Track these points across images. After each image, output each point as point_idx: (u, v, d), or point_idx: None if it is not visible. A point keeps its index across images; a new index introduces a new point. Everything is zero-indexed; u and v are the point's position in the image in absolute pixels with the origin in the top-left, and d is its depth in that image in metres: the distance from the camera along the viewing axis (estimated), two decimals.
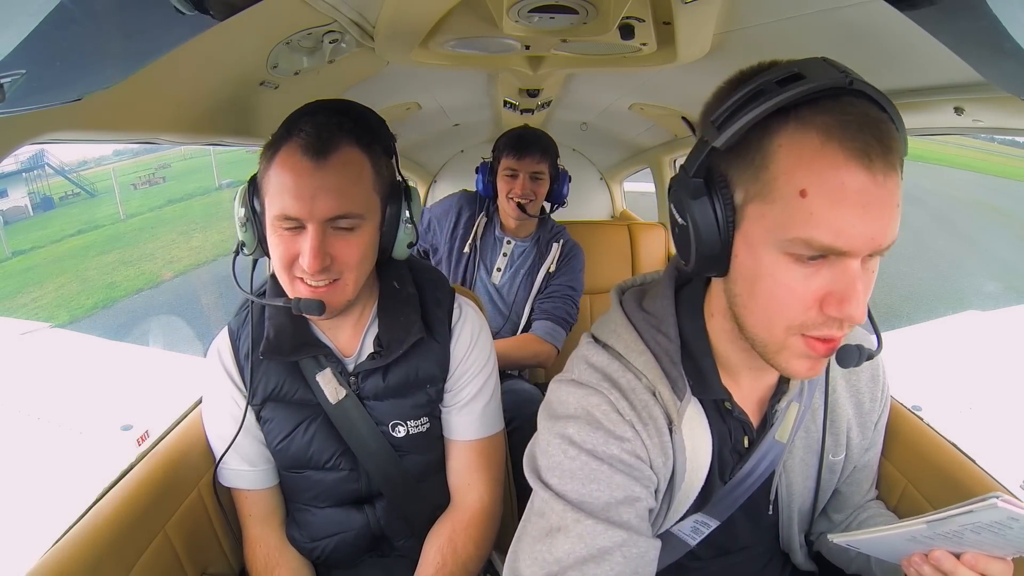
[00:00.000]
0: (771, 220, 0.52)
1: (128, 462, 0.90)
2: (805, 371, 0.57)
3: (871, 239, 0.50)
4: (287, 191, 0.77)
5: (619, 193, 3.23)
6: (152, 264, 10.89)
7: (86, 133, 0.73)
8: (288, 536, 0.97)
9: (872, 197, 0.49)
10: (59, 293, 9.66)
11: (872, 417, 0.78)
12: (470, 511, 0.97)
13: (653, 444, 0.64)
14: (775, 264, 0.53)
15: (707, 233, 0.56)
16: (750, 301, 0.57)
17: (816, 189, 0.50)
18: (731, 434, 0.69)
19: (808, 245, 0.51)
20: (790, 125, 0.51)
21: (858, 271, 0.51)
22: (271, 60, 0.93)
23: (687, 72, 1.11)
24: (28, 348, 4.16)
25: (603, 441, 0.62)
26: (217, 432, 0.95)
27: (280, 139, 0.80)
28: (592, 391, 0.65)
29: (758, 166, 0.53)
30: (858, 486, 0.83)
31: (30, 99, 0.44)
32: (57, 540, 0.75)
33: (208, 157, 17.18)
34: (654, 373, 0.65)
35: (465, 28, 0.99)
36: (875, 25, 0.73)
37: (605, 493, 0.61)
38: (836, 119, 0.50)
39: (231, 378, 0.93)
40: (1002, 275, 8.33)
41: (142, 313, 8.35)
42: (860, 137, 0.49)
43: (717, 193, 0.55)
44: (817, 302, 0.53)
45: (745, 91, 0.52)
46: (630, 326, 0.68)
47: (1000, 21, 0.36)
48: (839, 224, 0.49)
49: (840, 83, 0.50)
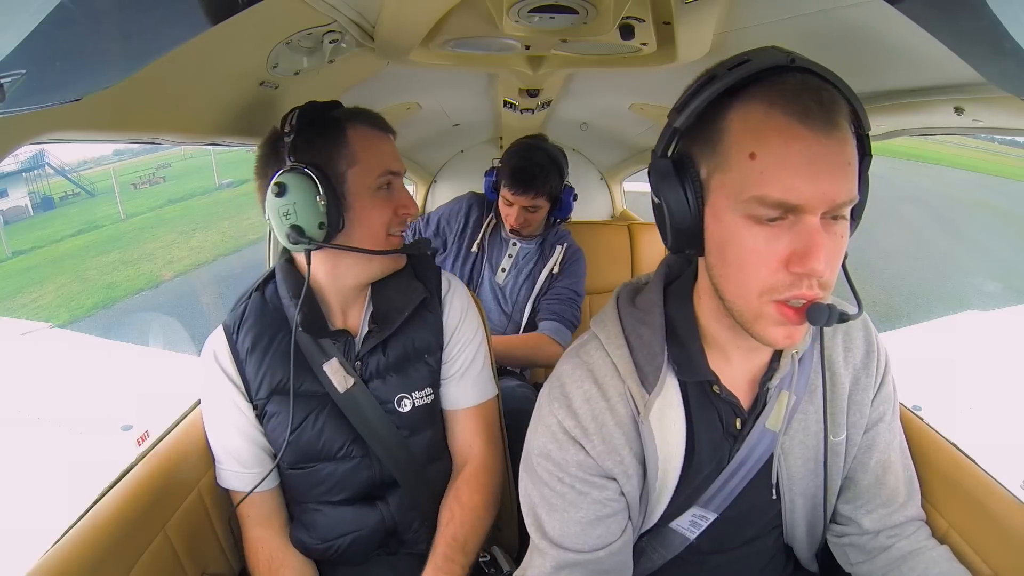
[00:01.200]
0: (729, 187, 0.57)
1: (128, 462, 0.90)
2: (782, 339, 0.59)
3: (822, 194, 0.53)
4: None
5: (619, 193, 3.23)
6: (152, 264, 10.90)
7: (86, 133, 0.73)
8: (295, 539, 0.97)
9: (816, 153, 0.53)
10: (59, 293, 9.67)
11: (869, 393, 0.76)
12: (471, 467, 1.02)
13: (606, 445, 0.69)
14: (739, 228, 0.57)
15: (678, 209, 0.60)
16: (723, 269, 0.60)
17: (763, 150, 0.54)
18: (721, 417, 0.71)
19: (762, 202, 0.54)
20: (740, 101, 0.57)
21: (817, 227, 0.54)
22: (271, 60, 0.93)
23: (687, 72, 1.11)
24: (28, 348, 4.17)
25: (557, 467, 0.70)
26: (217, 434, 0.95)
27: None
28: (548, 413, 0.72)
29: (715, 141, 0.58)
30: (866, 470, 0.77)
31: (30, 99, 0.44)
32: (57, 540, 0.75)
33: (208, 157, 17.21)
34: (626, 367, 0.69)
35: (465, 28, 0.99)
36: (875, 25, 0.73)
37: (574, 517, 0.70)
38: (777, 90, 0.55)
39: (229, 378, 0.93)
40: (1002, 275, 8.33)
41: (142, 313, 8.36)
42: (798, 101, 0.53)
43: (685, 171, 0.60)
44: (783, 263, 0.55)
45: (702, 79, 0.59)
46: (616, 319, 0.73)
47: (1000, 21, 0.36)
48: (787, 180, 0.53)
49: (782, 62, 0.55)
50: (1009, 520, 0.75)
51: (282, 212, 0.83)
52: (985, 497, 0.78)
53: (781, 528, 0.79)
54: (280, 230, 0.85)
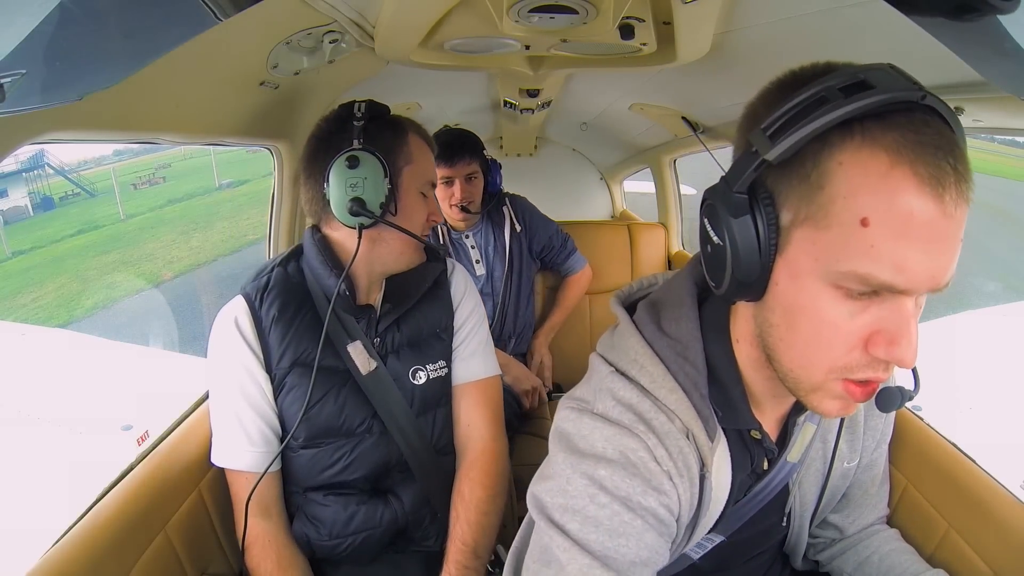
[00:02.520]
0: (822, 248, 0.46)
1: (128, 462, 0.90)
2: (837, 411, 0.52)
3: (931, 277, 0.44)
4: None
5: (619, 193, 3.23)
6: (152, 264, 10.89)
7: (86, 133, 0.73)
8: (299, 534, 0.95)
9: (940, 232, 0.43)
10: (59, 293, 9.66)
11: (881, 417, 0.76)
12: (471, 455, 1.04)
13: (685, 493, 0.59)
14: (821, 297, 0.47)
15: (747, 256, 0.49)
16: (788, 334, 0.51)
17: (880, 218, 0.43)
18: (753, 459, 0.65)
19: (864, 281, 0.45)
20: (855, 140, 0.44)
21: (912, 311, 0.46)
22: (271, 60, 0.93)
23: (687, 72, 1.11)
24: (28, 348, 4.17)
25: (640, 491, 0.55)
26: (226, 406, 0.93)
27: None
28: (626, 432, 0.57)
29: (812, 184, 0.46)
30: (860, 486, 0.81)
31: (30, 99, 0.44)
32: (57, 540, 0.75)
33: (208, 157, 17.20)
34: (688, 414, 0.58)
35: (465, 28, 0.99)
36: (875, 25, 0.73)
37: (632, 551, 0.54)
38: (908, 139, 0.43)
39: (249, 345, 0.92)
40: (1002, 275, 8.33)
41: (142, 313, 8.36)
42: (934, 162, 0.42)
43: (761, 211, 0.48)
44: (863, 341, 0.47)
45: (803, 96, 0.45)
46: (654, 356, 0.60)
47: (1000, 21, 0.36)
48: (902, 260, 0.43)
49: (913, 97, 0.44)
50: (1009, 520, 0.75)
51: (349, 183, 0.87)
52: (985, 497, 0.78)
53: (782, 544, 0.81)
54: (340, 200, 0.88)
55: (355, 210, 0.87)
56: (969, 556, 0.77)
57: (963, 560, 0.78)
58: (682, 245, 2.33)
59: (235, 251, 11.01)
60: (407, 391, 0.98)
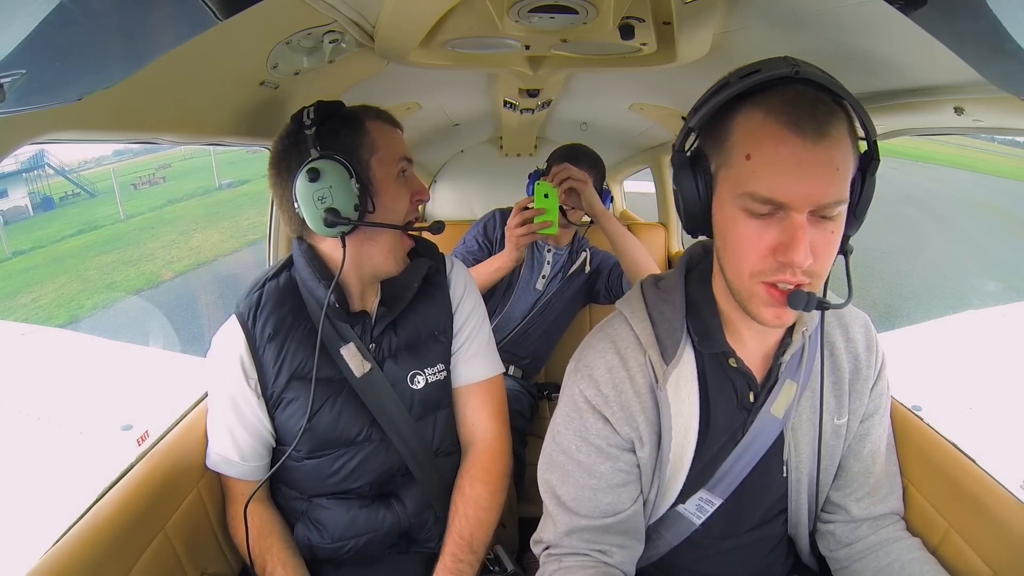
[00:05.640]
0: (730, 181, 0.65)
1: (128, 462, 0.90)
2: (772, 318, 0.66)
3: (806, 195, 0.60)
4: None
5: (619, 193, 3.23)
6: (152, 264, 10.89)
7: (86, 133, 0.74)
8: (301, 538, 0.96)
9: (803, 158, 0.59)
10: (59, 293, 9.67)
11: (868, 384, 0.82)
12: (474, 452, 1.04)
13: (627, 411, 0.75)
14: (736, 217, 0.64)
15: (689, 196, 0.69)
16: (724, 252, 0.68)
17: (757, 152, 0.62)
18: (736, 390, 0.77)
19: (752, 197, 0.62)
20: (746, 106, 0.64)
21: (801, 223, 0.60)
22: (271, 60, 0.93)
23: (687, 72, 1.11)
24: (28, 348, 4.17)
25: (577, 436, 0.78)
26: (222, 426, 0.94)
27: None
28: (572, 384, 0.79)
29: (722, 140, 0.66)
30: (859, 459, 0.83)
31: (30, 99, 0.44)
32: (57, 540, 0.75)
33: (208, 157, 17.21)
34: (647, 339, 0.77)
35: (465, 28, 0.98)
36: (875, 25, 0.73)
37: (588, 484, 0.77)
38: (777, 99, 0.61)
39: (244, 369, 0.92)
40: (1002, 275, 8.33)
41: (142, 313, 8.36)
42: (792, 110, 0.60)
43: (698, 165, 0.68)
44: (771, 251, 0.63)
45: (717, 84, 0.67)
46: (640, 298, 0.81)
47: (1000, 21, 0.36)
48: (774, 180, 0.60)
49: (788, 73, 0.62)
50: (1009, 520, 0.75)
51: (316, 197, 0.86)
52: (985, 497, 0.78)
53: (786, 515, 0.83)
54: (313, 215, 0.86)
55: (330, 220, 0.86)
56: (969, 556, 0.78)
57: (963, 560, 0.78)
58: (682, 245, 2.34)
59: (235, 251, 11.02)
60: (406, 396, 0.97)
